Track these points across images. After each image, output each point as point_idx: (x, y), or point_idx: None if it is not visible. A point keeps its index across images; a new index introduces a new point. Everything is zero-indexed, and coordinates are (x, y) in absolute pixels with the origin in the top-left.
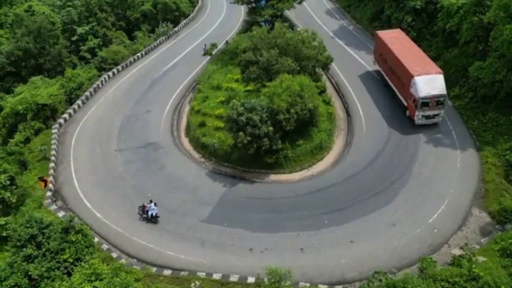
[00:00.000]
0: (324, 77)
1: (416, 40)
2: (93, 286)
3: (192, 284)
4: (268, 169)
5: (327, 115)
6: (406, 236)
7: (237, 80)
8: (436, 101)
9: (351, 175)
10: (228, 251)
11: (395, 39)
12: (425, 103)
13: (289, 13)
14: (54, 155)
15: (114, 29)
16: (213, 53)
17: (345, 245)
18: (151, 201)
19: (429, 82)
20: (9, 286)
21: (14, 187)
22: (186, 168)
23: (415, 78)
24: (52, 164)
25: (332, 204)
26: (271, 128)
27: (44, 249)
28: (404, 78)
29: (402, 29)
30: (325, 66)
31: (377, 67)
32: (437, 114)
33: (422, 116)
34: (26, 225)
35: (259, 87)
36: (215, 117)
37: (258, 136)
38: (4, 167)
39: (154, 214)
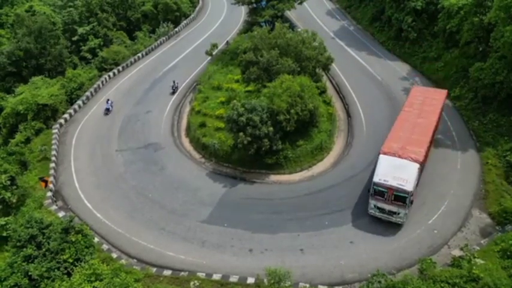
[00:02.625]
0: (325, 78)
1: (417, 41)
2: (93, 286)
3: (192, 283)
4: (269, 170)
5: (327, 116)
6: (406, 237)
7: (237, 81)
8: (393, 195)
9: (351, 176)
10: (228, 252)
11: (421, 101)
12: (379, 192)
13: (289, 14)
14: (54, 155)
15: (114, 29)
16: (214, 53)
17: (345, 245)
18: (108, 100)
19: (394, 167)
20: (9, 286)
21: (14, 187)
22: (186, 168)
23: (380, 155)
24: (52, 164)
25: (332, 205)
26: (271, 129)
27: (44, 250)
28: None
29: (402, 30)
30: (326, 67)
31: None
32: (394, 213)
33: (375, 206)
34: (26, 226)
35: (260, 87)
36: (215, 117)
37: (258, 137)
38: (5, 167)
39: (106, 108)
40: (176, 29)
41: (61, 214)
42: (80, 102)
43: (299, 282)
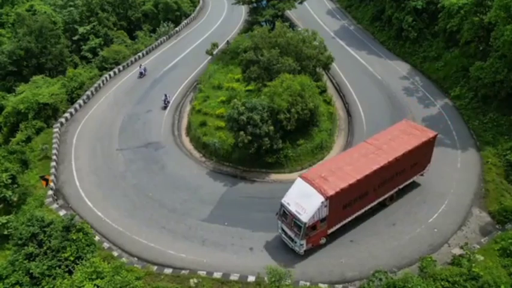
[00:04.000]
0: (325, 77)
1: (417, 40)
2: (94, 284)
3: (192, 281)
4: (269, 168)
5: (328, 115)
6: (406, 235)
7: (237, 80)
8: (293, 221)
9: None
10: (229, 250)
11: (395, 136)
12: (284, 214)
13: (290, 13)
14: (55, 154)
15: (115, 28)
16: (214, 52)
17: (345, 244)
18: (141, 65)
19: (301, 193)
20: (10, 284)
21: (15, 186)
22: (186, 167)
23: (298, 177)
24: (53, 163)
25: None
26: (271, 128)
27: (45, 248)
28: None
29: (402, 29)
30: (326, 66)
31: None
32: (293, 240)
33: (281, 227)
34: (27, 224)
35: (260, 86)
36: (216, 116)
37: (259, 135)
38: (6, 165)
39: (140, 72)
40: (176, 29)
41: (62, 212)
42: (80, 101)
43: (299, 280)
